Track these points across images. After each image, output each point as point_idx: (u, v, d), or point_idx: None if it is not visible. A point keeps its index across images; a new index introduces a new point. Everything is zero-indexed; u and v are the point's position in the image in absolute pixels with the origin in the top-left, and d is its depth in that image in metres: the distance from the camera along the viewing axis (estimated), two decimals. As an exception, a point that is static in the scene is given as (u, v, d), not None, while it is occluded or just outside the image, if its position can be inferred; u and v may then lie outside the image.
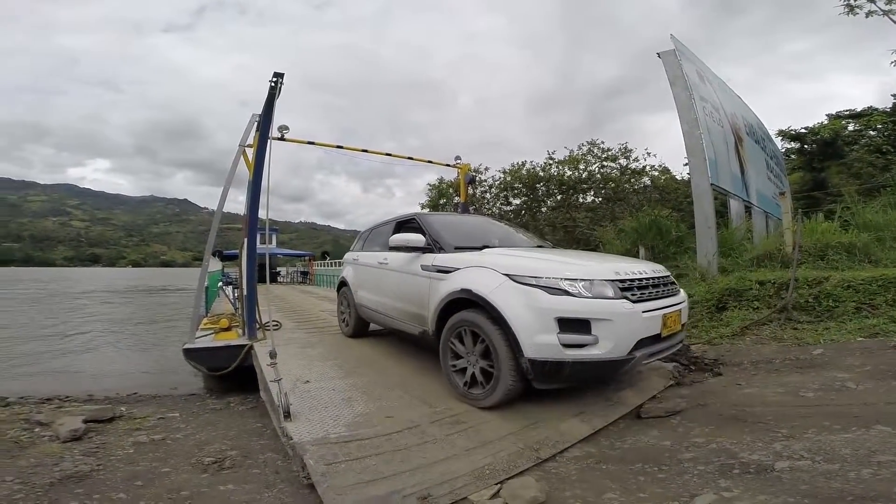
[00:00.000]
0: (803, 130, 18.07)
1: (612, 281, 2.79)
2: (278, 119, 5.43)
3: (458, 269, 3.29)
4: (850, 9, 11.72)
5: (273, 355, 3.19)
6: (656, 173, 15.38)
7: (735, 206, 9.10)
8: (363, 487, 2.02)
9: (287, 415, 2.74)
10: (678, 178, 16.53)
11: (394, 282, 4.29)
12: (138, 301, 23.93)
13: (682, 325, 3.32)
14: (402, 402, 3.14)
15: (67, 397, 5.53)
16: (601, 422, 2.89)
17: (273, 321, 6.33)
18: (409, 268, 3.95)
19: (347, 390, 3.40)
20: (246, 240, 5.61)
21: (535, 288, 2.75)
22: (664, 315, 2.94)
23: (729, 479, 2.04)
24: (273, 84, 5.65)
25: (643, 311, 2.79)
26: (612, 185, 14.94)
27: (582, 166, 15.15)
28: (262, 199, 5.26)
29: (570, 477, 2.25)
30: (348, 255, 6.01)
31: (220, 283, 11.28)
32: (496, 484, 2.12)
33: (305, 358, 4.47)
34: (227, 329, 5.81)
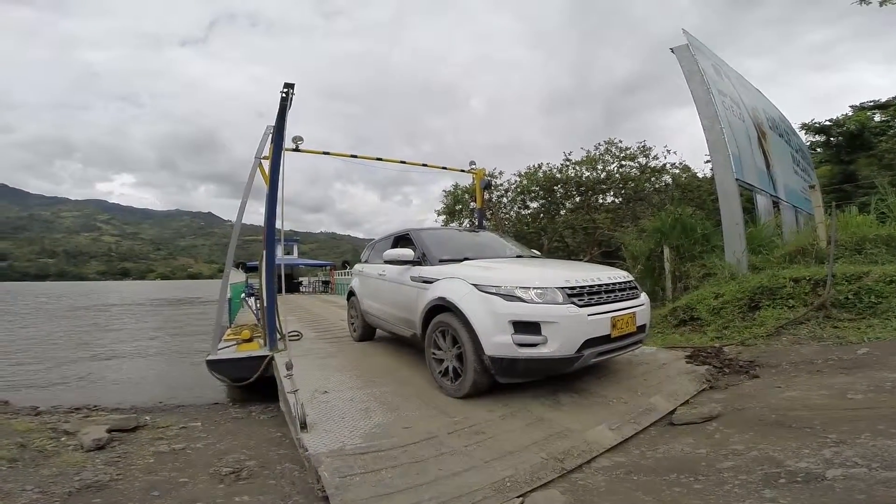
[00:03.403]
0: (828, 123, 17.43)
1: (562, 288, 3.13)
2: (293, 129, 5.47)
3: (438, 279, 3.71)
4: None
5: (289, 367, 3.16)
6: (677, 171, 14.99)
7: (762, 202, 8.76)
8: (378, 501, 1.94)
9: (303, 426, 2.70)
10: (699, 175, 16.10)
11: (390, 291, 4.71)
12: (166, 313, 24.52)
13: (640, 327, 3.55)
14: (420, 413, 3.06)
15: (96, 406, 5.63)
16: (631, 429, 2.75)
17: (293, 332, 6.36)
18: (401, 278, 4.39)
19: (365, 400, 3.34)
20: (265, 251, 5.63)
21: (495, 296, 3.14)
22: (613, 318, 3.23)
23: (775, 489, 1.88)
24: (284, 95, 5.68)
25: (589, 315, 3.10)
26: (632, 184, 14.59)
27: (600, 166, 14.83)
28: (280, 210, 5.27)
29: (598, 489, 2.11)
30: (356, 267, 6.43)
31: (243, 295, 11.42)
32: (518, 497, 2.01)
33: (324, 368, 4.44)
34: (249, 340, 5.84)
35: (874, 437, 2.23)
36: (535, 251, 5.78)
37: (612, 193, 15.36)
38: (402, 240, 4.97)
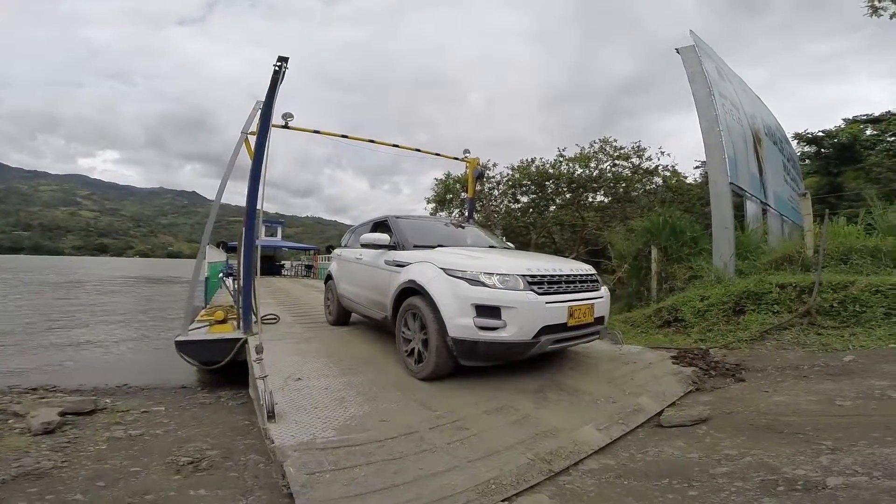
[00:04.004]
0: (820, 134, 17.64)
1: (523, 276, 3.25)
2: (285, 110, 5.24)
3: (410, 263, 3.82)
4: (874, 10, 11.36)
5: (259, 350, 2.95)
6: (668, 174, 14.99)
7: (752, 208, 8.78)
8: (349, 503, 1.76)
9: (271, 415, 2.49)
10: (688, 180, 16.17)
11: (366, 275, 4.81)
12: (142, 292, 23.85)
13: (598, 319, 3.65)
14: (400, 405, 2.87)
15: (55, 387, 5.31)
16: (619, 430, 2.62)
17: (270, 315, 6.13)
18: (376, 262, 4.50)
19: (341, 390, 3.13)
20: (244, 230, 5.37)
21: (461, 280, 3.25)
22: (570, 307, 3.33)
23: (774, 498, 1.77)
24: (277, 68, 5.40)
25: (547, 302, 3.21)
26: (623, 184, 14.54)
27: (593, 164, 14.72)
28: (268, 191, 5.04)
29: (587, 493, 1.97)
30: (335, 251, 6.46)
31: (221, 275, 11.07)
32: (503, 501, 1.86)
33: (300, 354, 4.22)
34: (223, 322, 5.58)
35: (870, 444, 2.15)
36: (509, 244, 5.83)
37: (602, 192, 15.29)
38: (380, 226, 5.04)
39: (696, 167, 20.89)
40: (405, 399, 2.98)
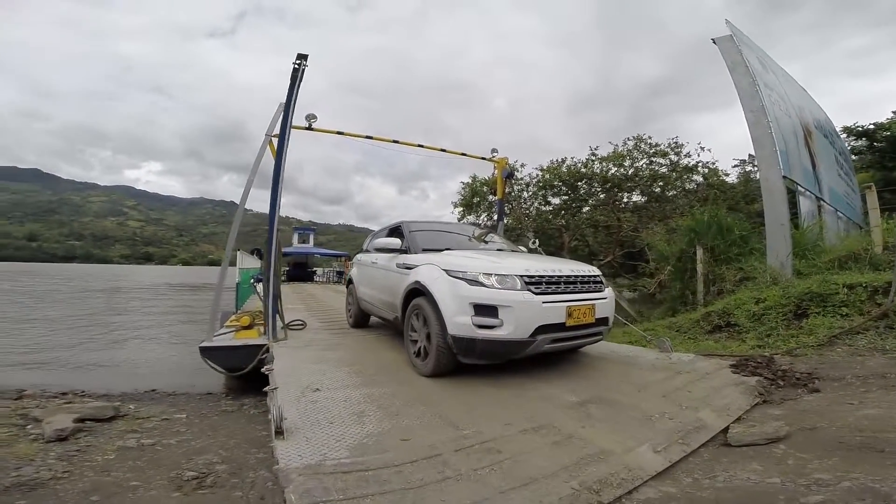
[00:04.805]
0: (871, 126, 16.39)
1: (521, 276, 3.31)
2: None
3: (418, 265, 3.92)
4: None
5: (270, 360, 2.73)
6: (707, 171, 14.16)
7: (805, 204, 8.11)
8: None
9: (279, 431, 2.24)
10: (728, 179, 15.28)
11: (380, 277, 4.94)
12: (182, 298, 24.58)
13: (600, 320, 3.64)
14: (423, 422, 2.57)
15: (84, 392, 5.33)
16: (679, 451, 2.23)
17: (297, 321, 6.02)
18: (389, 265, 4.64)
19: (361, 402, 2.87)
20: (269, 233, 5.24)
21: (461, 280, 3.35)
22: (569, 307, 3.35)
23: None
24: (296, 66, 5.29)
25: (543, 302, 3.25)
26: (661, 182, 13.81)
27: (627, 162, 14.06)
28: (300, 199, 4.91)
29: (647, 532, 1.62)
30: (356, 257, 6.57)
31: (252, 280, 11.12)
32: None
33: (322, 362, 4.00)
34: (249, 327, 5.48)
35: None
36: (521, 247, 5.85)
37: (638, 192, 14.58)
38: (395, 231, 5.19)
39: (735, 165, 19.79)
40: (429, 414, 2.68)
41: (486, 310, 3.18)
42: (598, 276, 3.88)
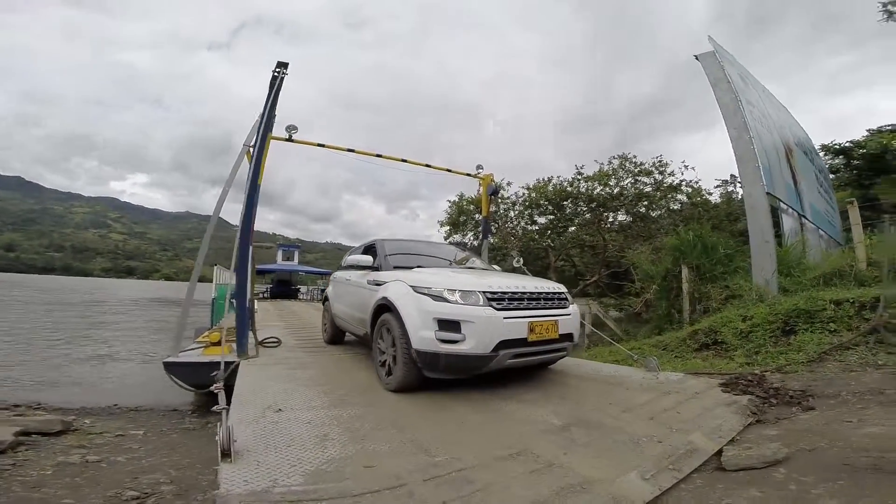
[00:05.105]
0: (848, 144, 16.86)
1: (483, 292, 3.38)
2: (310, 136, 4.96)
3: (387, 282, 3.96)
4: (890, 15, 10.83)
5: (219, 378, 2.51)
6: (691, 190, 14.29)
7: (788, 222, 8.19)
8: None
9: (225, 453, 2.02)
10: (711, 199, 15.48)
11: (353, 294, 4.99)
12: (159, 313, 23.92)
13: (564, 336, 3.67)
14: (392, 447, 2.35)
15: (39, 404, 5.03)
16: (670, 478, 2.04)
17: (271, 338, 5.84)
18: (361, 282, 4.70)
19: (326, 424, 2.65)
20: (237, 246, 4.99)
21: (426, 296, 3.40)
22: (530, 322, 3.40)
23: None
24: (276, 74, 5.12)
25: (504, 317, 3.29)
26: (646, 202, 13.90)
27: (613, 181, 14.14)
28: (288, 217, 4.75)
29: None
30: (333, 274, 6.67)
31: (228, 296, 10.78)
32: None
33: (291, 381, 3.77)
34: (218, 343, 5.22)
35: None
36: (495, 266, 6.01)
37: (623, 211, 14.65)
38: (370, 249, 5.25)
39: (717, 186, 20.12)
40: (400, 439, 2.46)
41: (449, 325, 3.22)
42: (562, 292, 3.95)
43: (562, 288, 4.01)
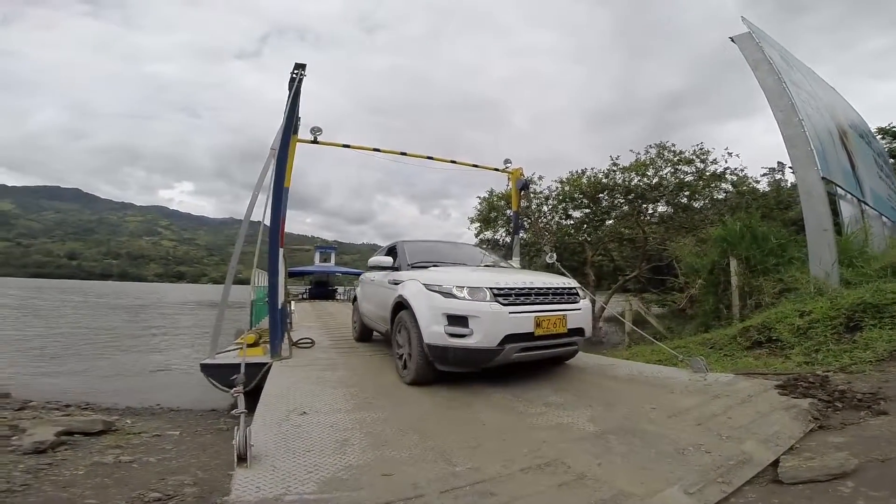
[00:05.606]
0: (909, 126, 15.47)
1: (490, 288, 3.51)
2: (334, 138, 5.02)
3: (404, 281, 4.14)
4: None
5: (238, 382, 2.50)
6: (736, 178, 13.42)
7: (847, 209, 7.56)
8: None
9: (241, 458, 1.96)
10: (758, 187, 14.52)
11: (377, 294, 5.22)
12: (208, 314, 25.00)
13: (573, 330, 3.75)
14: (413, 454, 2.25)
15: (88, 405, 5.26)
16: (718, 492, 1.82)
17: (306, 339, 5.95)
18: (383, 282, 4.90)
19: (348, 429, 2.59)
20: (269, 248, 5.06)
21: (436, 293, 3.60)
22: (537, 317, 3.51)
23: None
24: (294, 76, 5.13)
25: (510, 312, 3.44)
26: (687, 191, 13.16)
27: (651, 171, 13.47)
28: (325, 219, 4.79)
29: None
30: (362, 276, 6.93)
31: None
32: None
33: (320, 383, 3.78)
34: (254, 345, 5.32)
35: None
36: (511, 262, 6.16)
37: (663, 202, 13.93)
38: (392, 250, 5.50)
39: (764, 174, 18.92)
40: (422, 446, 2.36)
41: (457, 319, 3.41)
42: (573, 288, 4.06)
43: (573, 283, 4.15)
